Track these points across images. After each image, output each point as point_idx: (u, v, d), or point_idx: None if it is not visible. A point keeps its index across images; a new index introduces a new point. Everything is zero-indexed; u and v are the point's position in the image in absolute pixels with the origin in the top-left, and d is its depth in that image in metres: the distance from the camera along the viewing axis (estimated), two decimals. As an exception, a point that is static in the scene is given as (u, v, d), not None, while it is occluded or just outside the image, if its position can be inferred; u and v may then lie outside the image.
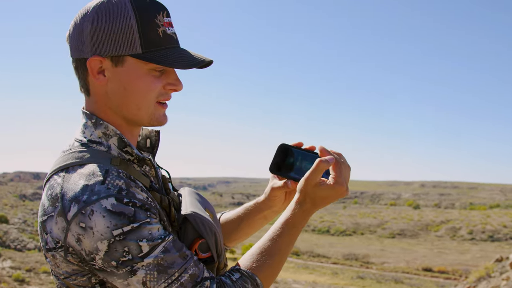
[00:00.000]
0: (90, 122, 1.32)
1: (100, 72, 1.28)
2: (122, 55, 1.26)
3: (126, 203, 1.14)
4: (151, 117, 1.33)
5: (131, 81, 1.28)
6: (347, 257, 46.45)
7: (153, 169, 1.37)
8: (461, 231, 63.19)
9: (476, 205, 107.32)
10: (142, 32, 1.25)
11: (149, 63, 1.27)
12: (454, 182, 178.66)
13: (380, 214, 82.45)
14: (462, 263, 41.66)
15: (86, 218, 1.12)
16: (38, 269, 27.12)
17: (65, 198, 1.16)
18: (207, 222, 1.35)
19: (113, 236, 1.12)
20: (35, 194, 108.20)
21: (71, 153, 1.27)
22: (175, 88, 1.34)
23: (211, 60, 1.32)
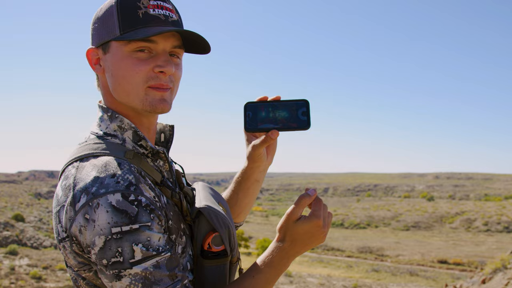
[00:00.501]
0: (106, 116, 1.34)
1: (97, 63, 1.34)
2: (105, 41, 1.30)
3: (131, 201, 1.13)
4: (143, 102, 1.30)
5: (115, 65, 1.29)
6: (362, 250, 46.36)
7: (166, 163, 1.38)
8: (476, 222, 62.80)
9: (491, 196, 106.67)
10: (121, 15, 1.27)
11: (128, 45, 1.27)
12: (469, 173, 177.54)
13: (394, 206, 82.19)
14: (478, 255, 41.42)
15: (91, 210, 1.12)
16: (54, 267, 27.38)
17: (76, 188, 1.16)
18: (220, 215, 1.35)
19: (111, 233, 1.10)
20: (50, 192, 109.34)
21: (86, 145, 1.29)
22: (162, 70, 1.28)
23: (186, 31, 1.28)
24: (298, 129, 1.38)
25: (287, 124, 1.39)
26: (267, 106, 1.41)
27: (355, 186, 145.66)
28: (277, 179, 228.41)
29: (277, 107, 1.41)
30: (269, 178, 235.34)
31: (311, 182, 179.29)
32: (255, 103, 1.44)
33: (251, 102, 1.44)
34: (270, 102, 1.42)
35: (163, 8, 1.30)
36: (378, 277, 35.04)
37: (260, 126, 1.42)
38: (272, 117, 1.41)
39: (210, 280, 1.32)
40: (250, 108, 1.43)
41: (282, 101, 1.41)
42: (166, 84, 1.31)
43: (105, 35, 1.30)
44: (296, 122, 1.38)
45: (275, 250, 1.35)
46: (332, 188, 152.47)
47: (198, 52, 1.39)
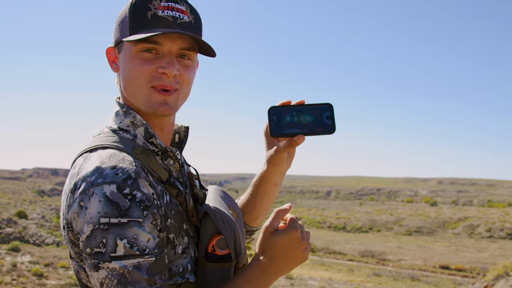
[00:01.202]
0: (121, 111, 1.37)
1: (114, 61, 1.38)
2: (119, 40, 1.33)
3: (125, 195, 1.12)
4: (146, 104, 1.31)
5: (125, 65, 1.32)
6: (363, 254, 46.21)
7: (176, 162, 1.38)
8: (479, 228, 62.52)
9: (495, 202, 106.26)
10: (132, 16, 1.30)
11: (136, 45, 1.29)
12: (472, 179, 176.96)
13: (396, 211, 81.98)
14: (480, 261, 41.25)
15: (86, 198, 1.13)
16: (56, 264, 27.38)
17: (78, 176, 1.18)
18: (227, 218, 1.34)
19: (99, 222, 1.10)
20: (53, 190, 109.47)
21: (99, 137, 1.32)
22: (165, 71, 1.28)
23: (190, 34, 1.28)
24: (323, 133, 1.36)
25: (313, 128, 1.37)
26: (292, 111, 1.39)
27: (358, 190, 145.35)
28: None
29: (301, 111, 1.38)
30: None
31: (314, 185, 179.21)
32: (279, 107, 1.41)
33: (275, 106, 1.41)
34: (294, 107, 1.40)
35: (173, 10, 1.30)
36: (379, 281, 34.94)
37: (286, 131, 1.39)
38: (297, 122, 1.38)
39: (212, 283, 1.30)
40: (274, 113, 1.40)
41: (305, 105, 1.39)
42: (170, 86, 1.30)
43: (119, 35, 1.33)
44: (321, 126, 1.36)
45: (253, 266, 1.32)
46: (334, 192, 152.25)
47: (207, 55, 1.38)
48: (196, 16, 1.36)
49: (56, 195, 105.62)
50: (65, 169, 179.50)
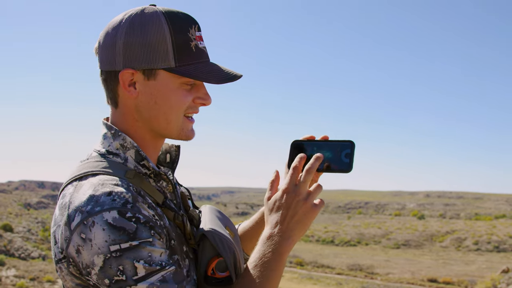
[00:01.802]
0: (110, 133, 1.31)
1: (131, 85, 1.27)
2: (155, 68, 1.25)
3: (128, 218, 1.09)
4: (180, 132, 1.32)
5: (163, 94, 1.27)
6: (352, 267, 46.15)
7: (170, 184, 1.34)
8: (467, 241, 62.75)
9: (482, 216, 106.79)
10: (176, 45, 1.24)
11: (182, 77, 1.26)
12: (459, 192, 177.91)
13: (384, 224, 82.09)
14: (468, 274, 41.32)
15: (87, 229, 1.08)
16: (42, 278, 27.07)
17: (71, 207, 1.13)
18: (226, 240, 1.30)
19: (109, 251, 1.07)
20: (39, 203, 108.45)
21: (87, 163, 1.26)
22: (204, 103, 1.32)
23: (241, 75, 1.31)
24: (338, 171, 1.34)
25: (330, 165, 1.36)
26: (313, 146, 1.40)
27: (346, 203, 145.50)
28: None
29: (322, 147, 1.38)
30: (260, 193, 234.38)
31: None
32: (301, 141, 1.42)
33: (298, 140, 1.43)
34: (316, 142, 1.40)
35: (202, 40, 1.31)
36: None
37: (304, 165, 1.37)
38: None
39: None
40: (296, 146, 1.42)
41: (327, 141, 1.39)
42: (197, 112, 1.35)
43: (153, 62, 1.24)
44: (337, 164, 1.35)
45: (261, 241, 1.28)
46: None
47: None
48: None
49: (42, 208, 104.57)
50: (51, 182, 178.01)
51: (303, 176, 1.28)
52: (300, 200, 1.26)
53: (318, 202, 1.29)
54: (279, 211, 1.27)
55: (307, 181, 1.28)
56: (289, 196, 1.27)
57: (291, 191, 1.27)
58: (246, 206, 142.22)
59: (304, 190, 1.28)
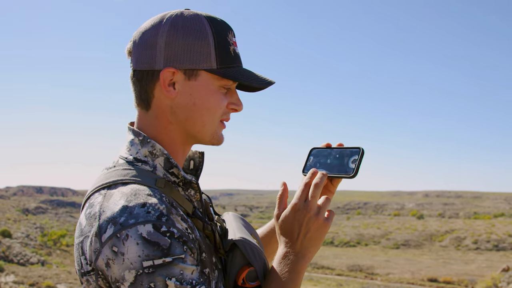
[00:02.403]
0: (137, 140, 1.26)
1: (171, 84, 1.24)
2: (197, 69, 1.23)
3: (163, 233, 1.05)
4: (213, 135, 1.30)
5: (203, 96, 1.24)
6: (352, 268, 46.20)
7: (198, 193, 1.29)
8: (466, 240, 62.87)
9: (481, 214, 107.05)
10: (218, 48, 1.23)
11: (221, 80, 1.25)
12: (458, 191, 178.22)
13: (384, 224, 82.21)
14: (468, 273, 41.37)
15: (119, 243, 1.04)
16: (41, 284, 27.00)
17: (102, 218, 1.08)
18: (256, 249, 1.27)
19: (142, 267, 1.03)
20: (38, 208, 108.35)
21: (114, 171, 1.21)
22: (237, 108, 1.31)
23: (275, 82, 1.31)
24: (343, 176, 1.35)
25: (335, 170, 1.37)
26: (327, 152, 1.43)
27: (345, 204, 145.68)
28: (267, 197, 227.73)
29: (335, 153, 1.41)
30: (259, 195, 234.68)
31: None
32: (319, 148, 1.45)
33: (316, 147, 1.46)
34: (331, 148, 1.42)
35: (236, 46, 1.30)
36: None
37: None
38: (327, 163, 1.41)
39: None
40: (313, 153, 1.46)
41: (340, 147, 1.41)
42: (229, 119, 1.33)
43: (195, 62, 1.23)
44: (344, 169, 1.36)
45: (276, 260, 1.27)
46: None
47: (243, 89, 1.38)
48: None
49: (41, 213, 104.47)
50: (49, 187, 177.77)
51: (312, 191, 1.27)
52: (311, 216, 1.25)
53: (327, 215, 1.28)
54: (291, 229, 1.26)
55: (316, 196, 1.27)
56: (300, 213, 1.26)
57: (301, 208, 1.26)
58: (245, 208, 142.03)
59: (314, 205, 1.26)
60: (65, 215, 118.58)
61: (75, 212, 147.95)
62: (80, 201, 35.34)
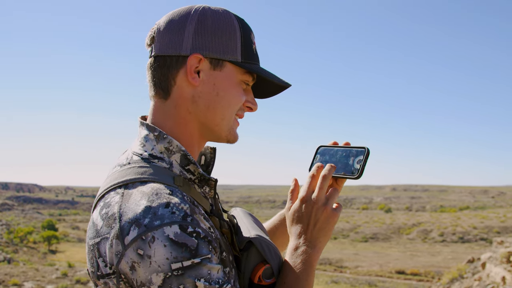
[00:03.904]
0: (152, 135, 1.21)
1: (195, 72, 1.21)
2: (224, 59, 1.21)
3: (190, 233, 1.02)
4: (230, 131, 1.28)
5: (226, 87, 1.23)
6: (321, 261, 46.53)
7: (212, 190, 1.26)
8: (432, 233, 64.13)
9: (446, 208, 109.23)
10: (244, 43, 1.23)
11: (244, 74, 1.25)
12: (425, 185, 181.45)
13: (352, 218, 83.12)
14: (434, 265, 42.22)
15: (146, 245, 0.99)
16: (7, 282, 26.49)
17: (123, 219, 1.03)
18: (272, 246, 1.26)
19: (171, 269, 0.99)
20: (3, 204, 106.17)
21: (130, 168, 1.16)
22: (252, 107, 1.31)
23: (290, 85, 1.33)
24: (347, 177, 1.34)
25: (340, 170, 1.37)
26: (334, 151, 1.42)
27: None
28: (237, 191, 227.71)
29: (340, 152, 1.40)
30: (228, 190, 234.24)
31: (270, 194, 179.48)
32: (326, 147, 1.45)
33: (323, 145, 1.46)
34: (338, 147, 1.42)
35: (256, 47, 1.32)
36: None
37: None
38: (332, 162, 1.39)
39: None
40: (320, 152, 1.45)
41: (347, 147, 1.40)
42: (243, 117, 1.33)
43: (222, 52, 1.22)
44: (349, 169, 1.35)
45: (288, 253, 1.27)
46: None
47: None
48: None
49: (6, 210, 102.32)
50: (15, 183, 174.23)
51: (319, 183, 1.28)
52: (319, 206, 1.25)
53: (336, 206, 1.29)
54: (300, 221, 1.27)
55: (324, 187, 1.28)
56: (308, 204, 1.26)
57: (309, 199, 1.27)
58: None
59: (322, 196, 1.27)
60: (32, 211, 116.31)
61: (42, 208, 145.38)
62: (48, 197, 34.51)
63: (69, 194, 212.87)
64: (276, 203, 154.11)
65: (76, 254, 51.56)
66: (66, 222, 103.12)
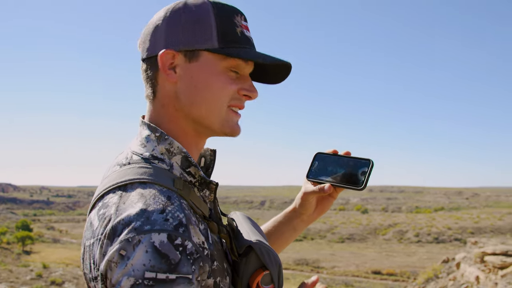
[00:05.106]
0: (154, 136, 1.18)
1: (171, 68, 1.17)
2: (197, 49, 1.16)
3: (176, 246, 0.96)
4: (223, 123, 1.20)
5: (205, 78, 1.16)
6: (298, 262, 46.73)
7: (212, 194, 1.23)
8: (408, 234, 64.79)
9: (422, 209, 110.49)
10: (221, 27, 1.16)
11: (226, 60, 1.16)
12: (401, 186, 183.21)
13: (329, 219, 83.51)
14: (410, 265, 42.66)
15: (130, 247, 0.95)
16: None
17: (117, 220, 1.00)
18: (272, 252, 1.22)
19: (143, 277, 0.93)
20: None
21: (130, 168, 1.13)
22: (250, 95, 1.21)
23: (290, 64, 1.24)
24: (351, 188, 1.35)
25: (343, 180, 1.37)
26: (334, 160, 1.42)
27: (292, 199, 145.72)
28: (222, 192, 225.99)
29: (342, 162, 1.40)
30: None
31: (248, 195, 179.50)
32: (325, 154, 1.44)
33: (322, 152, 1.45)
34: (338, 156, 1.42)
35: (248, 30, 1.22)
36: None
37: (320, 177, 1.42)
38: (334, 171, 1.40)
39: None
40: (319, 158, 1.45)
41: (348, 157, 1.40)
42: (243, 107, 1.24)
43: (195, 42, 1.16)
44: (352, 180, 1.36)
45: None
46: (269, 201, 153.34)
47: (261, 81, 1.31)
48: None
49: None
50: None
51: None
52: None
53: None
54: None
55: None
56: None
57: None
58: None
59: None
60: (6, 211, 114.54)
61: (16, 208, 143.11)
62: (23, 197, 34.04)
63: (44, 194, 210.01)
64: (254, 203, 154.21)
65: (51, 255, 50.74)
66: (41, 223, 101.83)
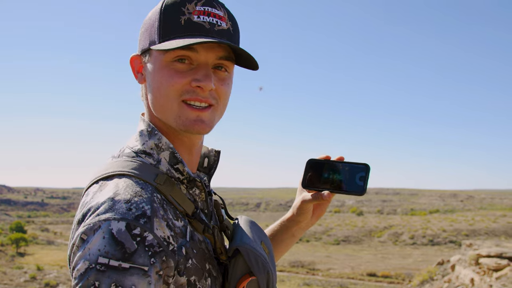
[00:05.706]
0: (146, 131, 1.22)
1: (140, 71, 1.24)
2: (145, 48, 1.20)
3: (133, 236, 0.97)
4: (177, 120, 1.17)
5: (153, 75, 1.18)
6: (293, 264, 46.65)
7: (203, 192, 1.22)
8: (403, 236, 64.79)
9: (417, 211, 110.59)
10: (163, 21, 1.16)
11: (167, 54, 1.15)
12: (396, 188, 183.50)
13: (325, 221, 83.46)
14: (405, 267, 42.65)
15: (90, 232, 0.98)
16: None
17: (88, 207, 1.04)
18: (260, 257, 1.19)
19: (96, 261, 0.94)
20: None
21: (117, 161, 1.17)
22: (200, 85, 1.14)
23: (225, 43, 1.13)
24: (351, 193, 1.35)
25: (342, 187, 1.36)
26: (328, 166, 1.40)
27: (287, 201, 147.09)
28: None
29: (337, 168, 1.39)
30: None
31: (243, 197, 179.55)
32: (317, 160, 1.42)
33: (314, 159, 1.44)
34: (332, 162, 1.40)
35: (210, 15, 1.16)
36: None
37: (317, 185, 1.41)
38: (329, 178, 1.39)
39: None
40: (311, 165, 1.43)
41: (343, 162, 1.39)
42: (205, 100, 1.17)
43: (146, 42, 1.20)
44: (351, 186, 1.35)
45: None
46: (264, 203, 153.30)
47: (248, 67, 1.22)
48: (234, 23, 1.22)
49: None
50: None
51: None
52: None
53: None
54: None
55: None
56: None
57: None
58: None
59: None
60: (0, 213, 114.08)
61: (11, 210, 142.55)
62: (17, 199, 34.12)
63: (39, 196, 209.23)
64: (249, 205, 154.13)
65: (45, 256, 50.58)
66: (35, 224, 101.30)
